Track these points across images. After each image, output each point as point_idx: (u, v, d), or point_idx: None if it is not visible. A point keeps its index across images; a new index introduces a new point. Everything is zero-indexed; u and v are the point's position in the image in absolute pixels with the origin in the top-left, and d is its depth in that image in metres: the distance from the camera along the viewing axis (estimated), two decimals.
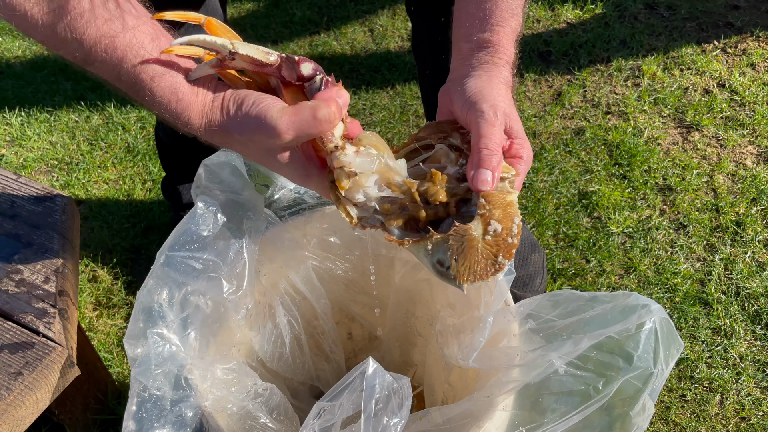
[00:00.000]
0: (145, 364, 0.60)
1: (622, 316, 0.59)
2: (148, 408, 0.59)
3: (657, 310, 0.58)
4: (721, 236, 1.30)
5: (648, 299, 0.59)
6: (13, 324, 0.66)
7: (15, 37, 1.92)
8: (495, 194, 0.61)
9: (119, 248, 1.36)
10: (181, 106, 0.58)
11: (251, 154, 0.61)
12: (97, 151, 1.56)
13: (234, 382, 0.67)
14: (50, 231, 0.75)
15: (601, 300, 0.61)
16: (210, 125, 0.59)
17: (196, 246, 0.68)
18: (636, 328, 0.58)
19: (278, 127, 0.57)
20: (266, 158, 0.60)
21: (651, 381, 0.57)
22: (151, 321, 0.64)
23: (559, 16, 1.84)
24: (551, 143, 1.50)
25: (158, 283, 0.66)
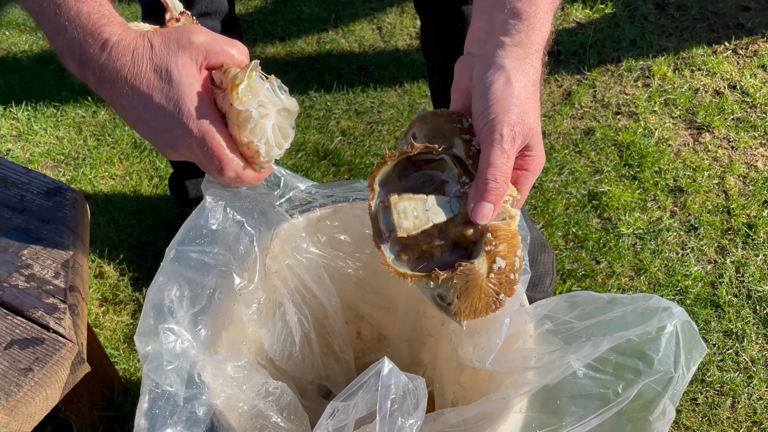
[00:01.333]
0: (156, 361, 0.59)
1: (642, 318, 0.58)
2: (161, 405, 0.59)
3: (679, 313, 0.57)
4: (732, 238, 1.29)
5: (669, 302, 0.58)
6: (23, 319, 0.66)
7: (22, 31, 1.91)
8: (501, 227, 0.60)
9: (126, 244, 1.35)
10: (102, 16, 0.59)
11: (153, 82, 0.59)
12: (103, 147, 1.56)
13: (245, 380, 0.66)
14: (60, 226, 0.75)
15: (621, 302, 0.60)
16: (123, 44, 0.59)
17: (205, 240, 0.68)
18: (657, 331, 0.57)
19: (194, 28, 0.60)
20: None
21: (671, 385, 0.56)
22: (161, 317, 0.63)
23: (568, 15, 1.83)
24: (561, 143, 1.49)
25: (168, 279, 0.65)
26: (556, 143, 1.49)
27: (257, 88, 0.60)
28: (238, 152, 0.61)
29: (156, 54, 0.59)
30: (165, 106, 0.59)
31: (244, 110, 0.58)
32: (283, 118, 0.63)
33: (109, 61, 0.58)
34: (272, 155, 0.61)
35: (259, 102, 0.60)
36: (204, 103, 0.59)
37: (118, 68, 0.58)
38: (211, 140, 0.59)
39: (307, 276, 0.85)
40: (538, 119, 0.60)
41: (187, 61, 0.60)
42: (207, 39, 0.61)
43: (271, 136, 0.61)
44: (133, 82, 0.59)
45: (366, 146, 1.52)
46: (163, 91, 0.59)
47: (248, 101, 0.58)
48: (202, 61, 0.61)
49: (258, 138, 0.59)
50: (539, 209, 1.36)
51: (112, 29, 0.59)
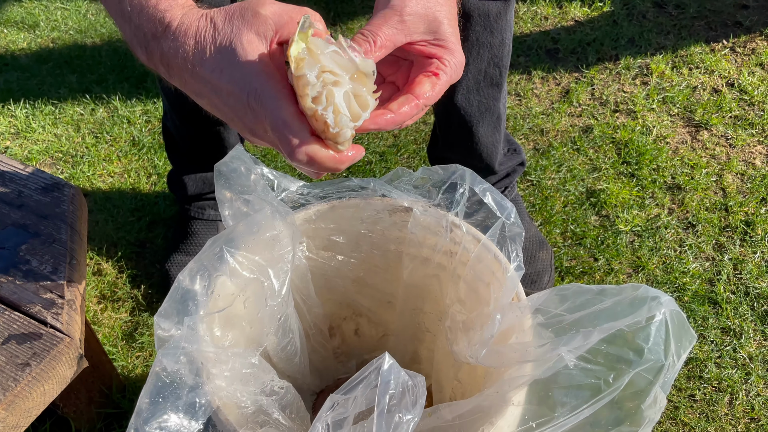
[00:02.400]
0: (173, 348, 0.59)
1: (631, 308, 0.59)
2: (166, 390, 0.59)
3: (667, 301, 0.57)
4: (730, 236, 1.29)
5: (658, 291, 0.58)
6: (21, 314, 0.66)
7: (20, 29, 1.91)
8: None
9: (124, 242, 1.35)
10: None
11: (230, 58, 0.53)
12: (102, 144, 1.56)
13: (252, 377, 0.66)
14: (58, 221, 0.75)
15: (610, 293, 0.60)
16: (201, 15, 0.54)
17: (250, 246, 0.68)
18: (646, 320, 0.57)
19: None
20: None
21: (662, 373, 0.56)
22: (186, 308, 0.63)
23: (567, 13, 1.83)
24: (559, 141, 1.50)
25: (203, 271, 0.65)
26: (555, 141, 1.50)
27: (318, 48, 0.53)
28: (309, 130, 0.53)
29: (219, 33, 0.54)
30: (233, 90, 0.53)
31: (301, 75, 0.51)
32: (359, 85, 0.55)
33: (173, 47, 0.54)
34: (344, 125, 0.53)
35: (321, 67, 0.52)
36: (272, 82, 0.53)
37: (183, 54, 0.54)
38: (276, 120, 0.52)
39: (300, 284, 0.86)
40: (448, 11, 0.58)
41: (253, 38, 0.54)
42: (275, 10, 0.54)
43: (341, 102, 0.53)
44: (200, 68, 0.54)
45: (364, 143, 1.52)
46: (230, 75, 0.54)
47: (306, 65, 0.51)
48: (272, 35, 0.54)
49: (323, 106, 0.52)
50: (537, 206, 1.36)
51: (173, 13, 0.54)
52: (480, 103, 1.07)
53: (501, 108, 1.11)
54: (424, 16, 0.56)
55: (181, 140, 1.21)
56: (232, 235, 0.68)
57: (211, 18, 0.54)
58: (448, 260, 0.83)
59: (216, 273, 0.67)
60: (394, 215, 0.85)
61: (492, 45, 1.01)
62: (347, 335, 1.02)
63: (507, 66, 1.07)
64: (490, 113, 1.09)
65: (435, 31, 0.57)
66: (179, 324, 0.62)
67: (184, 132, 1.17)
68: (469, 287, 0.80)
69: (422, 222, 0.82)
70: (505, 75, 1.08)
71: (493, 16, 0.98)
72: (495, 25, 0.99)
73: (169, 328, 0.62)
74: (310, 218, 0.85)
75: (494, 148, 1.14)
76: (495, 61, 1.03)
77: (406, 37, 0.57)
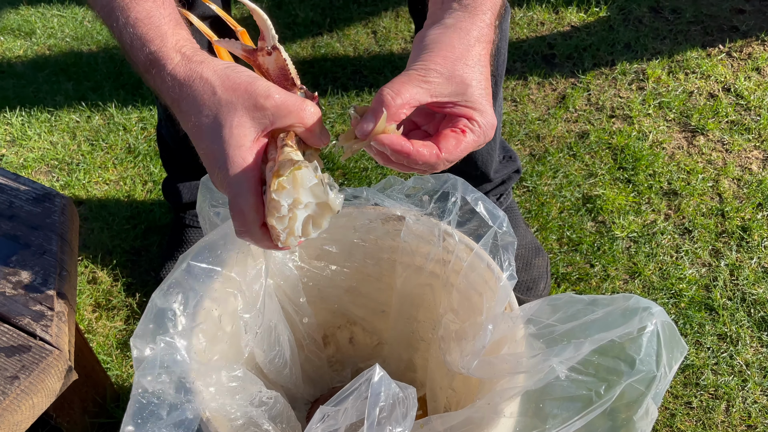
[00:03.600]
0: (150, 368, 0.59)
1: (623, 319, 0.58)
2: (148, 412, 0.58)
3: (658, 312, 0.57)
4: (726, 241, 1.29)
5: (649, 301, 0.57)
6: (10, 327, 0.65)
7: (16, 36, 1.91)
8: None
9: (119, 250, 1.35)
10: (152, 31, 0.56)
11: (205, 119, 0.56)
12: (97, 152, 1.55)
13: (239, 389, 0.66)
14: (49, 232, 0.74)
15: (602, 303, 0.60)
16: (186, 58, 0.56)
17: (219, 260, 0.68)
18: (638, 331, 0.57)
19: (267, 88, 0.55)
20: (218, 129, 0.56)
21: (654, 385, 0.56)
22: (162, 326, 0.63)
23: (563, 19, 1.83)
24: (555, 146, 1.49)
25: (175, 288, 0.65)
26: (551, 146, 1.49)
27: (302, 181, 0.56)
28: (260, 221, 0.57)
29: (215, 103, 0.56)
30: (208, 155, 0.57)
31: (276, 200, 0.55)
32: (321, 212, 0.59)
33: (163, 87, 0.57)
34: (291, 243, 0.58)
35: (296, 199, 0.56)
36: (244, 171, 0.55)
37: (174, 97, 0.56)
38: (235, 203, 0.56)
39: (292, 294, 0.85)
40: (479, 74, 0.58)
41: (246, 122, 0.56)
42: (277, 103, 0.56)
43: (299, 227, 0.58)
44: (186, 116, 0.57)
45: (361, 150, 1.51)
46: (210, 143, 0.56)
47: (283, 193, 0.55)
48: (267, 125, 0.57)
49: (282, 227, 0.57)
50: (533, 213, 1.36)
51: (166, 54, 0.56)
52: None
53: (496, 116, 1.11)
54: (451, 78, 0.56)
55: (175, 148, 1.21)
56: (199, 249, 0.67)
57: (210, 83, 0.56)
58: (441, 269, 0.83)
59: (189, 289, 0.66)
60: (386, 224, 0.84)
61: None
62: (342, 344, 1.02)
63: (502, 75, 1.07)
64: None
65: (463, 93, 0.57)
66: (156, 343, 0.61)
67: (179, 140, 1.17)
68: (462, 296, 0.79)
69: (415, 231, 0.82)
70: (501, 83, 1.08)
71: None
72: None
73: (146, 349, 0.62)
74: None
75: (489, 156, 1.14)
76: (490, 69, 1.03)
77: (431, 98, 0.57)
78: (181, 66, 0.57)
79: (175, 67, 0.57)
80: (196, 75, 0.56)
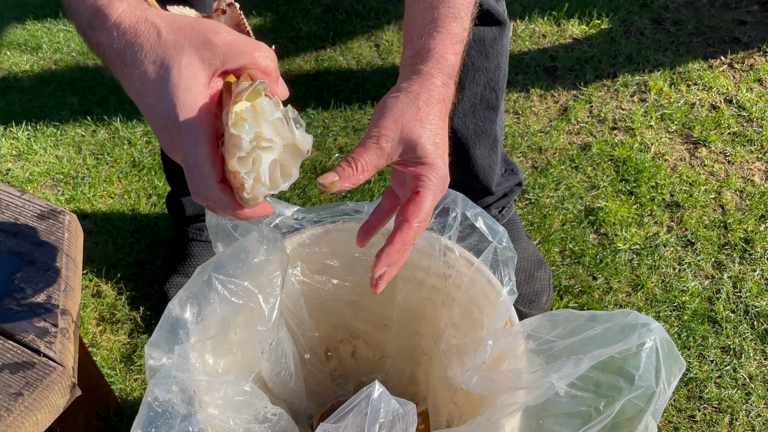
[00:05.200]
0: (164, 378, 0.60)
1: (622, 335, 0.59)
2: (158, 420, 0.59)
3: (657, 328, 0.57)
4: (729, 254, 1.29)
5: (648, 317, 0.58)
6: (14, 343, 0.66)
7: (23, 51, 1.94)
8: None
9: (123, 263, 1.36)
10: None
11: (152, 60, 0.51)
12: (102, 166, 1.57)
13: (245, 404, 0.66)
14: (53, 249, 0.75)
15: (601, 319, 0.60)
16: (131, 6, 0.53)
17: (239, 273, 0.68)
18: (636, 347, 0.57)
19: (216, 25, 0.53)
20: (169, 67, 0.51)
21: (653, 400, 0.56)
22: (176, 336, 0.64)
23: (565, 31, 1.84)
24: (557, 159, 1.50)
25: (193, 299, 0.66)
26: (553, 159, 1.50)
27: (263, 113, 0.51)
28: (218, 176, 0.52)
29: (161, 45, 0.52)
30: (155, 106, 0.51)
31: (236, 135, 0.49)
32: (289, 156, 0.54)
33: (107, 42, 0.52)
34: (259, 193, 0.52)
35: (258, 133, 0.51)
36: (197, 116, 0.51)
37: (117, 52, 0.52)
38: (188, 156, 0.51)
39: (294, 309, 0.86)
40: (429, 131, 0.61)
41: (196, 62, 0.52)
42: (227, 40, 0.52)
43: (265, 171, 0.52)
44: (129, 71, 0.52)
45: None
46: (157, 91, 0.51)
47: (244, 126, 0.50)
48: (218, 65, 0.53)
49: (246, 170, 0.51)
50: (536, 225, 1.36)
51: (112, 5, 0.52)
52: (476, 125, 1.08)
53: (497, 130, 1.12)
54: (401, 141, 0.60)
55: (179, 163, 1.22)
56: (220, 261, 0.68)
57: (155, 25, 0.52)
58: (442, 283, 0.83)
59: (206, 300, 0.67)
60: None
61: (488, 69, 1.02)
62: (344, 358, 1.02)
63: (503, 89, 1.08)
64: (487, 136, 1.10)
65: (413, 150, 0.60)
66: (170, 353, 0.62)
67: None
68: (463, 311, 0.79)
69: (416, 245, 0.82)
70: (502, 98, 1.09)
71: (488, 41, 0.99)
72: (490, 50, 1.00)
73: (160, 357, 0.63)
74: (304, 242, 0.85)
75: (491, 170, 1.14)
76: (491, 84, 1.04)
77: (386, 161, 0.61)
78: (126, 14, 0.53)
79: (120, 15, 0.53)
80: (141, 20, 0.53)
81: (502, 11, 0.99)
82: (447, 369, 0.75)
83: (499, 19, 0.99)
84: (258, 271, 0.69)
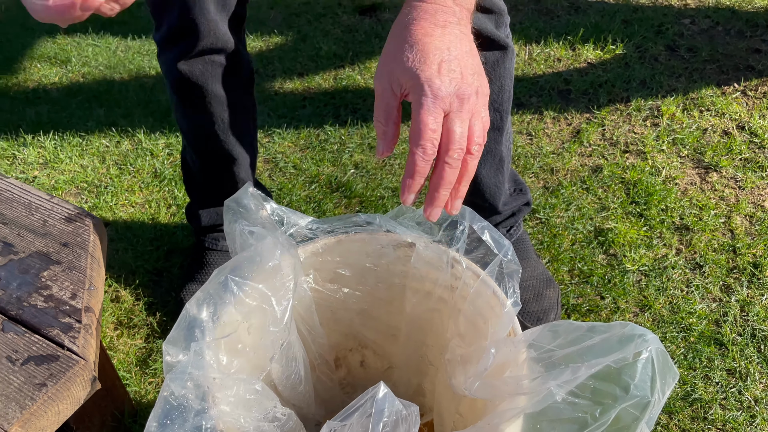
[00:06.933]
0: (180, 374, 0.63)
1: (619, 345, 0.61)
2: (173, 413, 0.62)
3: (653, 339, 0.59)
4: (737, 277, 1.30)
5: (644, 329, 0.60)
6: (40, 337, 0.70)
7: (53, 64, 2.01)
8: None
9: (142, 270, 1.40)
10: None
11: None
12: (125, 176, 1.62)
13: (255, 403, 0.69)
14: (79, 249, 0.79)
15: (599, 330, 0.62)
16: None
17: (252, 275, 0.72)
18: (633, 357, 0.59)
19: None
20: None
21: (648, 409, 0.58)
22: (192, 334, 0.67)
23: (579, 55, 1.88)
24: (569, 180, 1.52)
25: (209, 300, 0.70)
26: (564, 180, 1.52)
27: None
28: None
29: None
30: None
31: None
32: None
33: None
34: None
35: None
36: None
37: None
38: None
39: (306, 315, 0.89)
40: (408, 55, 0.65)
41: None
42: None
43: None
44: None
45: (378, 179, 1.56)
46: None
47: None
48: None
49: None
50: (546, 244, 1.38)
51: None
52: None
53: (503, 150, 1.14)
54: (384, 75, 0.66)
55: (197, 175, 1.26)
56: (236, 264, 0.71)
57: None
58: (449, 294, 0.86)
59: (221, 301, 0.70)
60: (398, 250, 0.88)
61: (491, 91, 1.04)
62: (353, 366, 1.05)
63: (508, 110, 1.10)
64: (492, 155, 1.12)
65: (397, 80, 0.66)
66: (186, 350, 0.66)
67: (200, 167, 1.23)
68: (469, 321, 0.82)
69: (425, 257, 0.85)
70: (507, 119, 1.11)
71: (491, 64, 1.02)
72: (493, 72, 1.03)
73: (177, 354, 0.66)
74: (317, 251, 0.88)
75: (497, 189, 1.16)
76: (494, 106, 1.06)
77: (392, 100, 0.67)
78: None
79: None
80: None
81: (503, 37, 1.01)
82: (452, 377, 0.77)
83: (500, 44, 1.01)
84: (272, 275, 0.72)
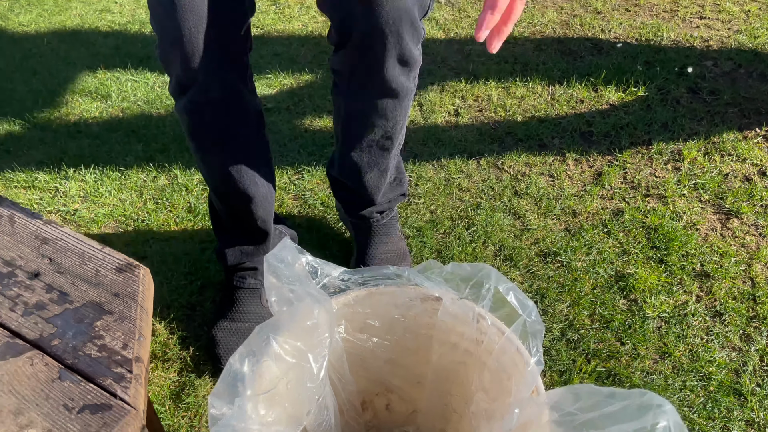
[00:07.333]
0: (224, 426, 0.68)
1: (638, 413, 0.64)
2: None
3: (670, 410, 0.63)
4: (757, 326, 1.32)
5: (662, 399, 0.63)
6: (95, 386, 0.75)
7: (93, 99, 2.10)
8: None
9: (176, 304, 1.46)
10: None
11: None
12: (161, 210, 1.69)
13: None
14: (129, 300, 0.85)
15: (619, 396, 0.66)
16: None
17: (291, 333, 0.77)
18: (651, 426, 0.63)
19: None
20: None
21: None
22: (235, 389, 0.73)
23: (602, 97, 1.91)
24: (590, 223, 1.56)
25: (251, 355, 0.75)
26: (585, 222, 1.56)
27: None
28: None
29: None
30: None
31: None
32: None
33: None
34: None
35: None
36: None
37: None
38: None
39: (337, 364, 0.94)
40: None
41: None
42: None
43: None
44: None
45: (403, 218, 1.61)
46: None
47: None
48: None
49: None
50: (567, 288, 1.42)
51: None
52: (369, 160, 1.29)
53: (389, 162, 1.32)
54: None
55: (221, 215, 1.33)
56: (277, 323, 0.77)
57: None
58: (475, 348, 0.90)
59: (263, 357, 0.75)
60: (425, 303, 0.92)
61: (385, 126, 1.23)
62: (379, 410, 1.09)
63: (398, 134, 1.27)
64: (378, 167, 1.31)
65: None
66: (230, 404, 0.71)
67: (221, 208, 1.29)
68: (493, 376, 0.86)
69: (451, 311, 0.89)
70: (396, 140, 1.28)
71: (389, 109, 1.20)
72: (390, 114, 1.21)
73: (221, 407, 0.71)
74: (349, 303, 0.93)
75: (377, 189, 1.36)
76: (387, 135, 1.26)
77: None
78: None
79: None
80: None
81: (401, 84, 1.16)
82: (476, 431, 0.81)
83: (397, 92, 1.17)
84: (310, 333, 0.77)
